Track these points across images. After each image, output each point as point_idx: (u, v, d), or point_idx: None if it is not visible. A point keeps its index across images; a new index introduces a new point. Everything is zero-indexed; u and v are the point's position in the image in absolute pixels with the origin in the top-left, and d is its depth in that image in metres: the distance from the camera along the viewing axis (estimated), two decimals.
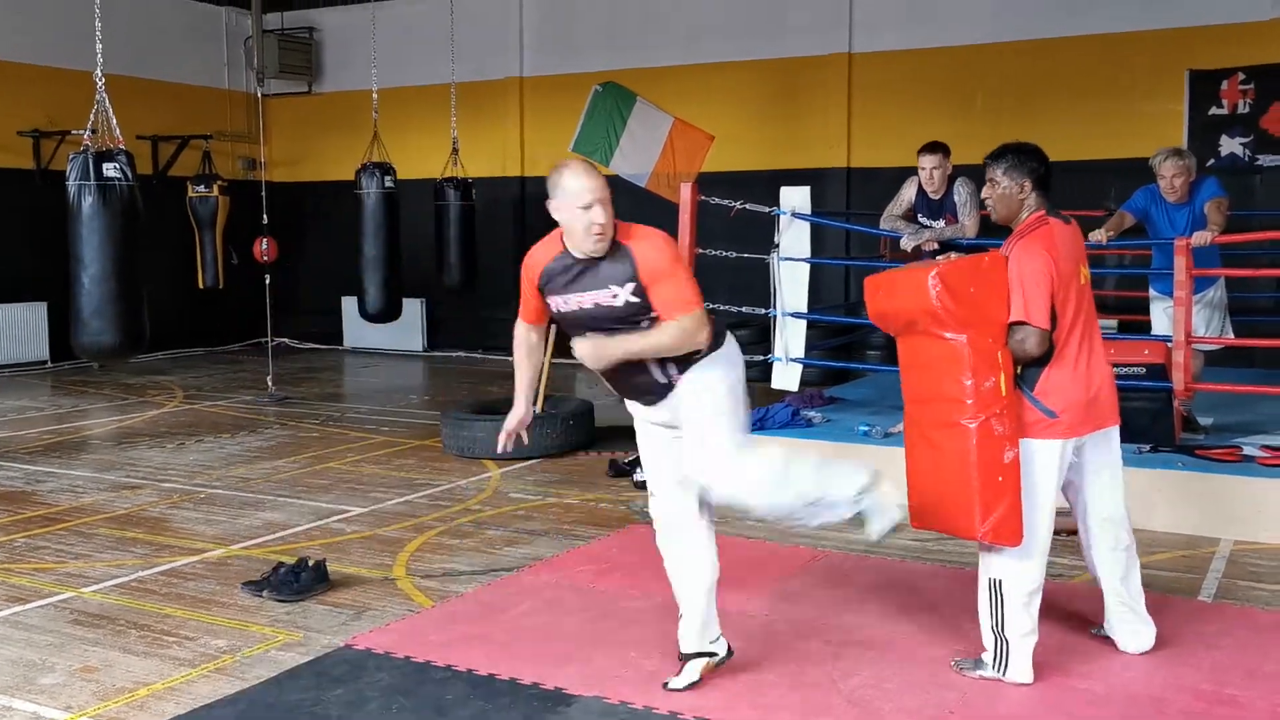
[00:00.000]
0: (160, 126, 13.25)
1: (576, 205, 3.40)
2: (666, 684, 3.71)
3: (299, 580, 4.72)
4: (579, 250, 3.48)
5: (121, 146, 7.59)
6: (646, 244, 3.47)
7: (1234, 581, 4.88)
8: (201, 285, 13.40)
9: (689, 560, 3.72)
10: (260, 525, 5.94)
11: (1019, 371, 3.68)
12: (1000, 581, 3.69)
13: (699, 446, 3.53)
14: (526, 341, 3.85)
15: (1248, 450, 5.96)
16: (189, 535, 5.75)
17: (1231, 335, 6.84)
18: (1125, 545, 3.93)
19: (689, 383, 3.53)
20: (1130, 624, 3.99)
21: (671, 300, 3.44)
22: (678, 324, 3.44)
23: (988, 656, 3.79)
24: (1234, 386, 6.99)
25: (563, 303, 3.55)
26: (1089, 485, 3.88)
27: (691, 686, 3.69)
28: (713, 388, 3.54)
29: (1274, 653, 4.02)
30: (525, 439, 3.96)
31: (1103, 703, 3.63)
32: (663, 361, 3.51)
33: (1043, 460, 3.67)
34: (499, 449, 3.93)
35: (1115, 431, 3.88)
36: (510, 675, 3.85)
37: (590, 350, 3.52)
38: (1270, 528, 5.43)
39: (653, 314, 3.45)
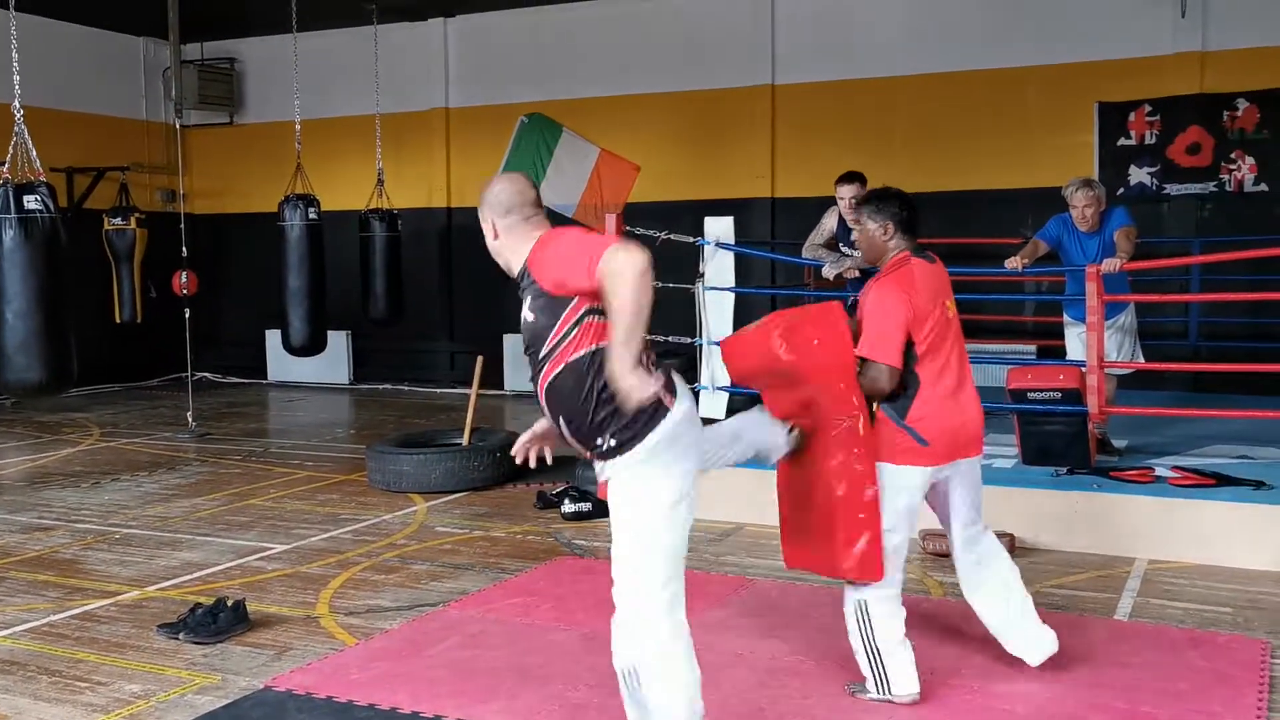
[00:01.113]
0: (76, 158, 12.98)
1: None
2: None
3: (217, 621, 4.62)
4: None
5: (42, 179, 7.46)
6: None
7: (1148, 600, 4.99)
8: (119, 320, 13.10)
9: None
10: (178, 565, 5.80)
11: (892, 400, 3.79)
12: (865, 602, 3.79)
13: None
14: None
15: (1160, 471, 6.12)
16: (103, 577, 5.60)
17: (1142, 359, 7.03)
18: (995, 568, 4.00)
19: (621, 482, 3.02)
20: (1027, 635, 4.04)
21: (574, 255, 2.89)
22: (610, 270, 2.79)
23: (869, 682, 3.85)
24: (1146, 409, 7.19)
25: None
26: (954, 509, 3.97)
27: None
28: (642, 500, 2.99)
29: (1187, 670, 4.11)
30: (547, 455, 3.29)
31: None
32: (601, 418, 2.98)
33: (906, 485, 3.79)
34: (519, 460, 3.29)
35: (978, 461, 3.98)
36: (435, 713, 3.80)
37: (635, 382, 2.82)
38: (1183, 546, 5.57)
39: (556, 330, 2.97)
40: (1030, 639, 4.04)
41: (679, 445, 3.02)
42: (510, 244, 3.14)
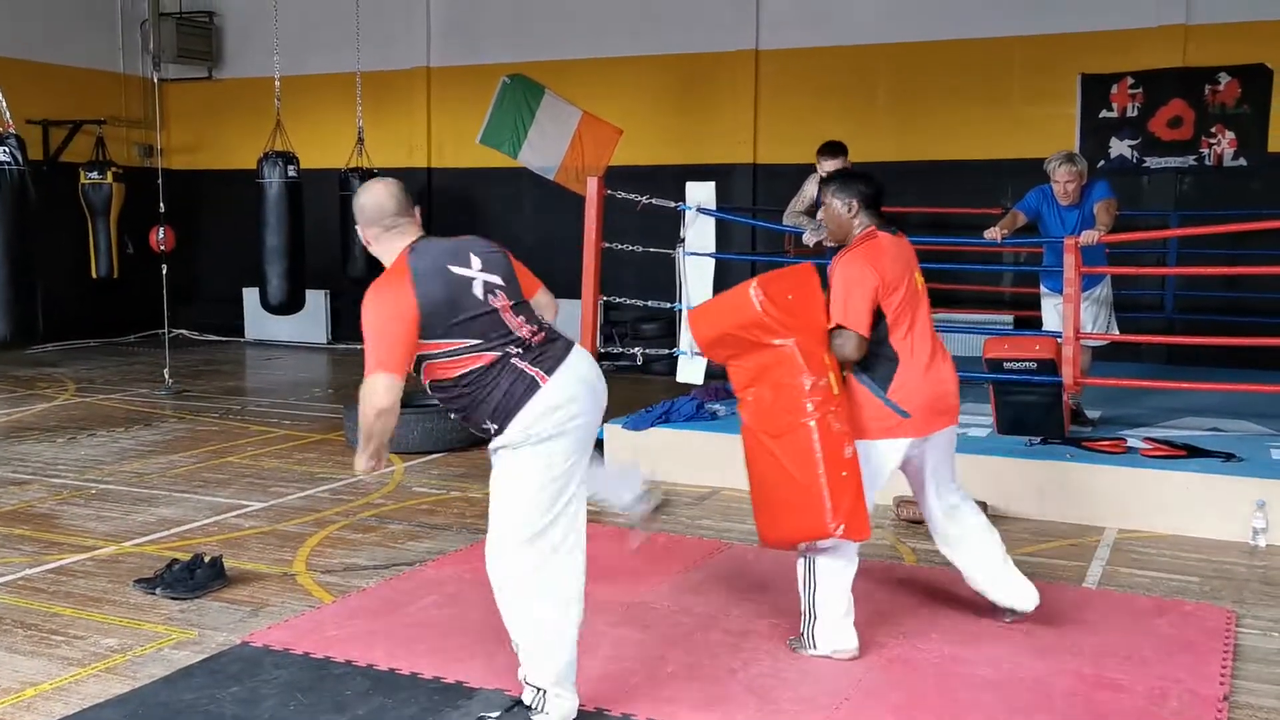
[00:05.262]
0: (51, 111, 12.80)
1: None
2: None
3: (194, 577, 4.63)
4: None
5: (11, 130, 7.37)
6: None
7: (1117, 569, 5.07)
8: (95, 275, 12.99)
9: None
10: (154, 521, 5.80)
11: (872, 375, 3.89)
12: (814, 561, 3.90)
13: None
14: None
15: (1132, 442, 6.19)
16: (79, 532, 5.59)
17: (1117, 331, 7.10)
18: (973, 522, 4.16)
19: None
20: (1011, 586, 4.16)
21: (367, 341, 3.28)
22: (362, 393, 3.21)
23: (804, 629, 3.97)
24: (1120, 381, 7.26)
25: None
26: (930, 474, 4.09)
27: None
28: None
29: (1152, 637, 4.19)
30: None
31: (991, 686, 3.74)
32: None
33: (886, 456, 3.91)
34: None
35: (954, 430, 4.12)
36: (411, 670, 3.83)
37: None
38: (1153, 516, 5.64)
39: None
40: (1017, 585, 4.16)
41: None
42: (379, 251, 3.47)
